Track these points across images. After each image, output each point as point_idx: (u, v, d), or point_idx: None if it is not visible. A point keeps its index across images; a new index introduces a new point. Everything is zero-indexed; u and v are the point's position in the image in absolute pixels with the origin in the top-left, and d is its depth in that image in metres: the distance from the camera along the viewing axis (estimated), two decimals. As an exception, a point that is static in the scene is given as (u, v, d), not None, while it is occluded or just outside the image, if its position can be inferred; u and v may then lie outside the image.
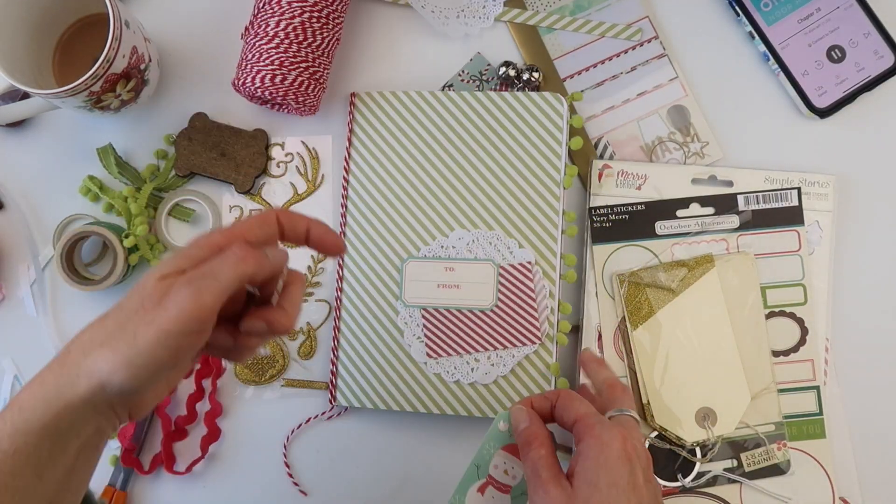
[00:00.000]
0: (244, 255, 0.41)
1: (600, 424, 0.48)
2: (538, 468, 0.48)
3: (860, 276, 0.66)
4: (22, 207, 0.68)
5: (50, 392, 0.40)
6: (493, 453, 0.50)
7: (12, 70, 0.58)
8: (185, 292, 0.40)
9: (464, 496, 0.51)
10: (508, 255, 0.64)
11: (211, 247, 0.43)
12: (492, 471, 0.51)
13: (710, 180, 0.65)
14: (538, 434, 0.50)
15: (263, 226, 0.45)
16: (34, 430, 0.40)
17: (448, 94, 0.66)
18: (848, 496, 0.63)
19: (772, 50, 0.66)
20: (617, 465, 0.47)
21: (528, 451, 0.49)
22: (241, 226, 0.44)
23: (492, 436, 0.51)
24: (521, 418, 0.51)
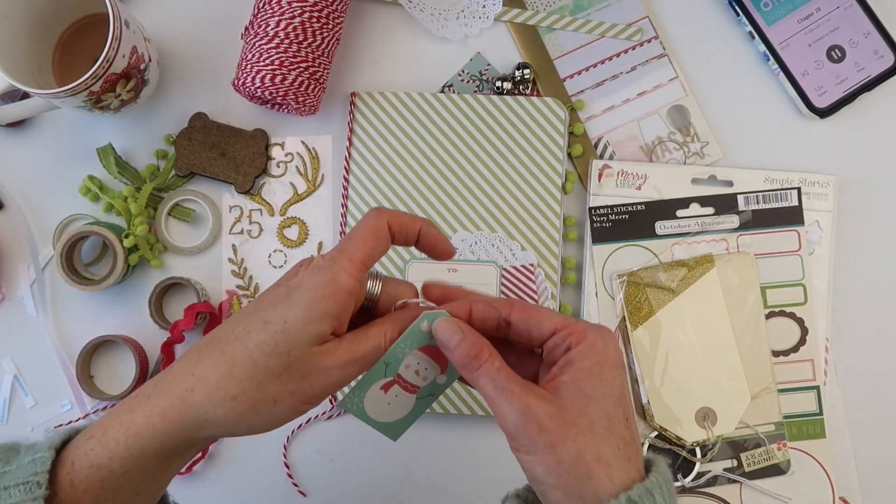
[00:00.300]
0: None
1: (591, 330, 0.42)
2: (502, 382, 0.41)
3: (860, 276, 0.66)
4: (22, 207, 0.68)
5: (173, 427, 0.40)
6: (408, 353, 0.45)
7: (12, 70, 0.58)
8: (335, 380, 0.42)
9: (364, 392, 0.45)
10: (511, 257, 0.64)
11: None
12: (402, 370, 0.45)
13: (710, 180, 0.65)
14: (483, 344, 0.42)
15: (376, 240, 0.44)
16: (148, 456, 0.41)
17: (450, 95, 0.66)
18: (848, 496, 0.64)
19: (772, 50, 0.66)
20: (613, 373, 0.42)
21: (478, 366, 0.42)
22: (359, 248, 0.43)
23: (410, 335, 0.44)
24: (451, 332, 0.43)
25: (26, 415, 0.67)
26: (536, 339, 0.43)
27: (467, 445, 0.66)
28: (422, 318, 0.44)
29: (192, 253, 0.67)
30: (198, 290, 0.66)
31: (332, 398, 0.65)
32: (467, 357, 0.42)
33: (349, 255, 0.42)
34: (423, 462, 0.66)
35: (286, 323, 0.41)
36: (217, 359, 0.41)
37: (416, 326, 0.44)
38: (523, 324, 0.43)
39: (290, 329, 0.41)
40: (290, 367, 0.41)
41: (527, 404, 0.40)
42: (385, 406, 0.46)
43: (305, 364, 0.41)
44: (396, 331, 0.44)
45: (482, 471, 0.66)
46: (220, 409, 0.40)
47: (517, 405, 0.40)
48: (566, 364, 0.42)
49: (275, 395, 0.41)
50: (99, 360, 0.67)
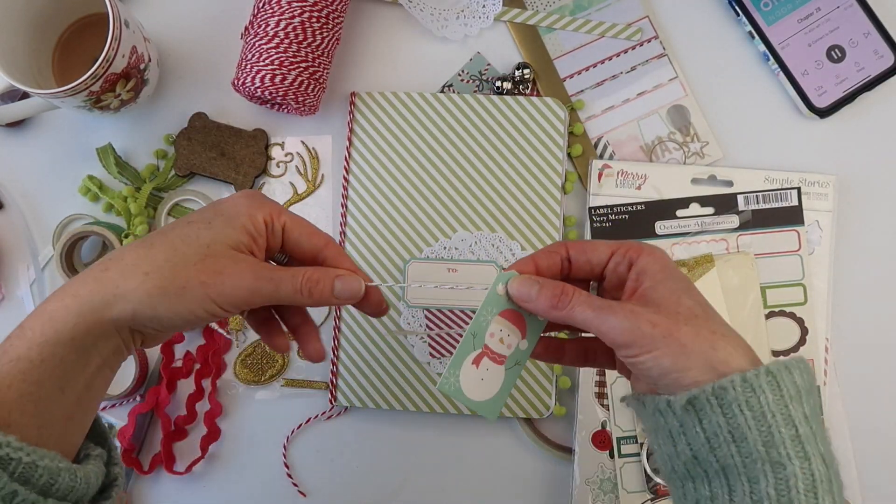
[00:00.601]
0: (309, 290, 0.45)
1: (644, 244, 0.44)
2: (597, 303, 0.42)
3: (860, 276, 0.66)
4: (22, 207, 0.68)
5: (84, 306, 0.41)
6: (490, 320, 0.45)
7: (12, 70, 0.58)
8: (247, 284, 0.43)
9: (458, 370, 0.45)
10: (511, 257, 0.64)
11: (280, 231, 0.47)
12: (488, 340, 0.45)
13: (709, 180, 0.65)
14: (563, 283, 0.44)
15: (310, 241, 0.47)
16: (63, 340, 0.40)
17: (450, 96, 0.66)
18: (848, 496, 0.63)
19: (772, 50, 0.66)
20: (679, 273, 0.44)
21: (568, 300, 0.43)
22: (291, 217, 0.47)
23: (490, 300, 0.45)
24: (528, 284, 0.44)
25: (26, 415, 0.67)
26: (597, 266, 0.45)
27: (467, 445, 0.66)
28: (496, 280, 0.44)
29: (192, 253, 0.67)
30: (198, 290, 0.66)
31: (333, 397, 0.65)
32: (554, 298, 0.43)
33: (281, 209, 0.46)
34: (423, 462, 0.66)
35: (210, 223, 0.44)
36: (136, 244, 0.43)
37: (493, 291, 0.44)
38: (582, 255, 0.45)
39: (213, 227, 0.44)
40: (205, 259, 0.42)
41: (630, 309, 0.41)
42: (479, 382, 0.45)
43: (222, 259, 0.43)
44: (317, 275, 0.45)
45: (482, 471, 0.66)
46: (129, 283, 0.41)
47: (622, 313, 0.41)
48: (639, 275, 0.43)
49: (186, 279, 0.42)
50: (99, 360, 0.67)
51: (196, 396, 0.66)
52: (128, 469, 0.65)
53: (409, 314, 0.64)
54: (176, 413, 0.66)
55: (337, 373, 0.65)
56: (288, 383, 0.66)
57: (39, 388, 0.40)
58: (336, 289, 0.46)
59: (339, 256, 0.48)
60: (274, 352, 0.66)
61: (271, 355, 0.66)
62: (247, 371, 0.66)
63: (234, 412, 0.67)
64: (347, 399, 0.65)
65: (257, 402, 0.67)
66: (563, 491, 0.65)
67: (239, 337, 0.67)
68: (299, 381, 0.66)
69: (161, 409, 0.65)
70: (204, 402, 0.66)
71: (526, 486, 0.65)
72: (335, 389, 0.65)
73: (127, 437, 0.64)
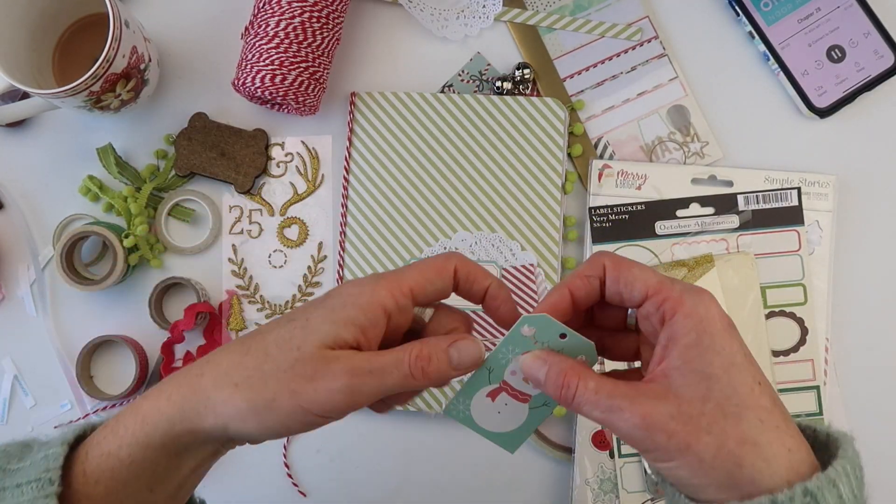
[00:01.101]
0: (421, 369, 0.39)
1: (688, 293, 0.37)
2: (604, 402, 0.37)
3: (860, 276, 0.66)
4: (22, 207, 0.68)
5: (175, 413, 0.39)
6: (511, 358, 0.41)
7: (12, 70, 0.58)
8: (342, 386, 0.38)
9: (470, 399, 0.42)
10: (511, 257, 0.64)
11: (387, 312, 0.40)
12: (507, 377, 0.42)
13: (709, 180, 0.65)
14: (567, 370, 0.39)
15: (436, 277, 0.41)
16: (154, 444, 0.39)
17: (450, 96, 0.66)
18: (848, 496, 0.64)
19: (772, 50, 0.66)
20: (726, 339, 0.36)
21: (572, 396, 0.38)
22: (412, 276, 0.40)
23: (511, 339, 0.41)
24: (536, 367, 0.40)
25: (26, 415, 0.67)
26: (629, 303, 0.40)
27: (467, 445, 0.66)
28: (521, 322, 0.40)
29: (192, 253, 0.67)
30: (198, 290, 0.66)
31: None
32: (557, 389, 0.39)
33: (399, 278, 0.40)
34: (423, 462, 0.66)
35: (308, 321, 0.39)
36: (235, 347, 0.40)
37: (517, 331, 0.41)
38: (614, 286, 0.39)
39: (309, 327, 0.39)
40: (296, 363, 0.38)
41: (643, 413, 0.35)
42: (495, 415, 0.43)
43: (312, 362, 0.38)
44: (426, 349, 0.40)
45: (482, 471, 0.66)
46: (220, 394, 0.38)
47: (633, 419, 0.36)
48: (669, 342, 0.37)
49: (276, 391, 0.38)
50: (99, 360, 0.67)
51: (196, 396, 0.66)
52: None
53: (410, 314, 0.64)
54: (176, 413, 0.66)
55: (337, 373, 0.65)
56: (288, 383, 0.66)
57: (126, 487, 0.39)
58: (453, 360, 0.40)
59: (476, 274, 0.42)
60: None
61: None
62: (247, 371, 0.66)
63: (235, 412, 0.67)
64: (347, 399, 0.65)
65: (257, 402, 0.67)
66: (563, 491, 0.65)
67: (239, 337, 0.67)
68: (299, 381, 0.66)
69: (161, 409, 0.65)
70: (204, 402, 0.66)
71: (526, 485, 0.65)
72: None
73: (127, 437, 0.64)
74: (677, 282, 0.38)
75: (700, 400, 0.35)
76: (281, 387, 0.38)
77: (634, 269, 0.39)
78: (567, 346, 0.40)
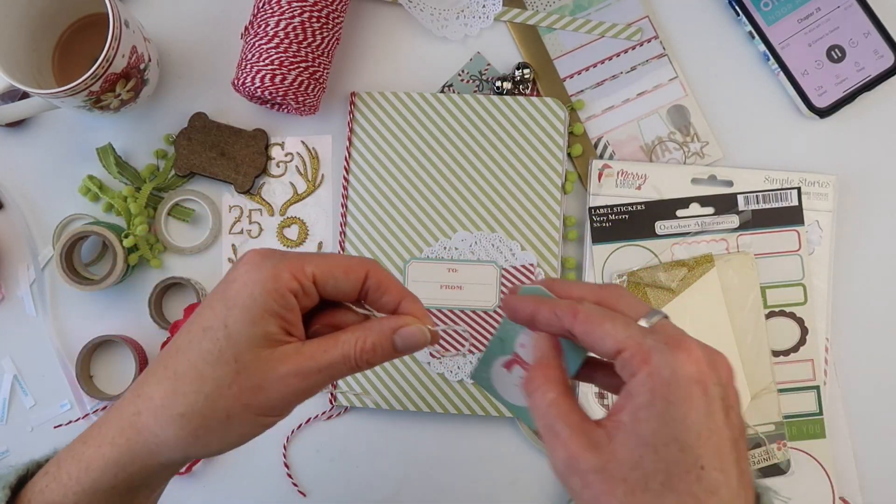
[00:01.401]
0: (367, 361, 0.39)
1: (658, 350, 0.34)
2: (550, 420, 0.35)
3: (860, 276, 0.66)
4: (22, 207, 0.68)
5: (124, 456, 0.38)
6: (519, 331, 0.40)
7: (12, 70, 0.58)
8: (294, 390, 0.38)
9: (489, 368, 0.41)
10: (511, 257, 0.64)
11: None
12: (518, 349, 0.41)
13: (709, 180, 0.65)
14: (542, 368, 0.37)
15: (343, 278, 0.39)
16: (103, 489, 0.38)
17: (450, 96, 0.66)
18: (848, 496, 0.64)
19: (772, 50, 0.66)
20: (684, 408, 0.33)
21: (532, 393, 0.37)
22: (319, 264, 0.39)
23: None
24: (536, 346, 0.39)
25: (26, 415, 0.67)
26: (603, 356, 0.36)
27: (467, 445, 0.66)
28: (523, 292, 0.40)
29: (192, 253, 0.67)
30: (198, 290, 0.66)
31: (333, 397, 0.65)
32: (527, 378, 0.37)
33: (301, 260, 0.38)
34: (423, 462, 0.66)
35: (227, 328, 0.37)
36: (161, 375, 0.38)
37: None
38: (586, 339, 0.36)
39: (233, 333, 0.37)
40: (239, 376, 0.37)
41: (571, 454, 0.34)
42: (513, 388, 0.41)
43: (257, 372, 0.37)
44: (371, 339, 0.39)
45: (482, 471, 0.66)
46: (168, 430, 0.37)
47: (561, 453, 0.35)
48: (626, 397, 0.34)
49: (227, 409, 0.37)
50: (99, 359, 0.67)
51: (196, 396, 0.66)
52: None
53: (409, 314, 0.64)
54: (176, 413, 0.66)
55: (337, 373, 0.65)
56: (288, 383, 0.66)
57: None
58: (398, 346, 0.40)
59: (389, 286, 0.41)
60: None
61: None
62: (247, 371, 0.66)
63: (234, 412, 0.67)
64: (347, 399, 0.65)
65: (257, 402, 0.67)
66: (563, 491, 0.65)
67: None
68: (299, 381, 0.66)
69: (161, 409, 0.65)
70: (204, 402, 0.66)
71: (526, 485, 0.65)
72: (335, 389, 0.65)
73: (127, 437, 0.64)
74: (652, 335, 0.35)
75: (630, 465, 0.33)
76: (231, 403, 0.37)
77: (606, 325, 0.36)
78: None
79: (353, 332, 0.39)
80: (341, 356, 0.39)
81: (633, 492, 0.33)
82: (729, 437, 0.34)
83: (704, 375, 0.33)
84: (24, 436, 0.67)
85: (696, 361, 0.34)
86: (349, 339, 0.39)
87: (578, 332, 0.36)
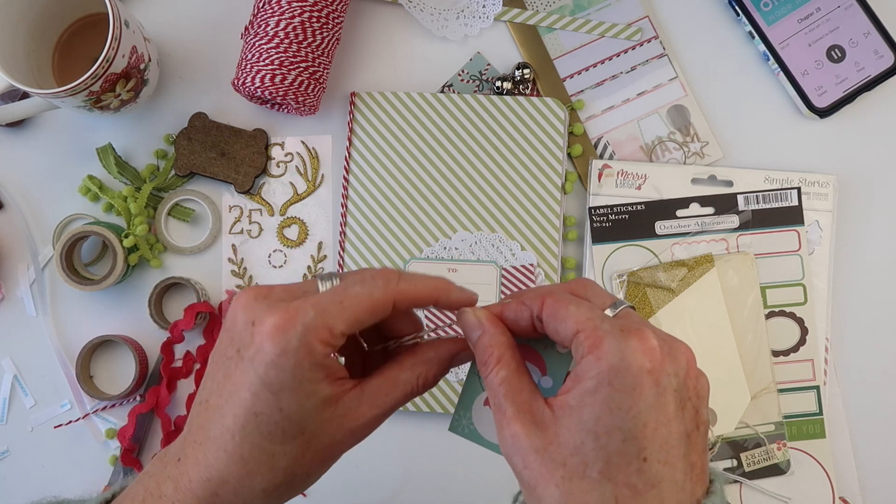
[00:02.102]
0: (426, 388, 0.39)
1: (611, 335, 0.33)
2: (499, 399, 0.35)
3: (860, 276, 0.66)
4: (22, 207, 0.68)
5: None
6: None
7: (12, 70, 0.58)
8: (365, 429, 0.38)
9: (468, 411, 0.40)
10: (511, 257, 0.64)
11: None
12: None
13: (709, 180, 0.65)
14: (495, 344, 0.36)
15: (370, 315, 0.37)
16: None
17: (450, 96, 0.66)
18: (848, 496, 0.64)
19: (772, 50, 0.66)
20: (630, 397, 0.32)
21: (485, 371, 0.36)
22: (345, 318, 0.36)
23: None
24: (471, 325, 0.37)
25: (26, 415, 0.67)
26: (563, 340, 0.35)
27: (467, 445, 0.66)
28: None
29: (192, 253, 0.67)
30: (197, 290, 0.66)
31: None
32: (479, 359, 0.37)
33: (328, 324, 0.35)
34: (423, 462, 0.66)
35: (282, 410, 0.35)
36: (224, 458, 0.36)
37: None
38: (551, 322, 0.36)
39: (291, 414, 0.35)
40: (310, 444, 0.37)
41: (514, 432, 0.34)
42: None
43: (326, 434, 0.37)
44: (433, 372, 0.38)
45: (482, 471, 0.66)
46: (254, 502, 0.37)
47: (506, 431, 0.35)
48: (575, 380, 0.34)
49: (306, 471, 0.37)
50: (99, 359, 0.67)
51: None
52: (128, 469, 0.65)
53: (409, 314, 0.64)
54: (176, 413, 0.66)
55: (337, 373, 0.65)
56: (288, 383, 0.66)
57: None
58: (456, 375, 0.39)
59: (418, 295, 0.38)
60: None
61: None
62: (247, 371, 0.66)
63: (234, 412, 0.67)
64: (347, 399, 0.65)
65: (257, 402, 0.67)
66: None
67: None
68: (299, 381, 0.66)
69: (161, 409, 0.65)
70: (204, 402, 0.66)
71: (526, 486, 0.65)
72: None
73: (127, 437, 0.64)
74: (610, 321, 0.34)
75: (570, 450, 0.33)
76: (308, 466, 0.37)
77: (571, 307, 0.35)
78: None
79: (412, 370, 0.38)
80: (403, 395, 0.38)
81: (570, 477, 0.33)
82: (679, 430, 0.33)
83: (657, 365, 0.33)
84: (24, 436, 0.67)
85: (650, 350, 0.33)
86: (409, 378, 0.38)
87: (545, 317, 0.36)
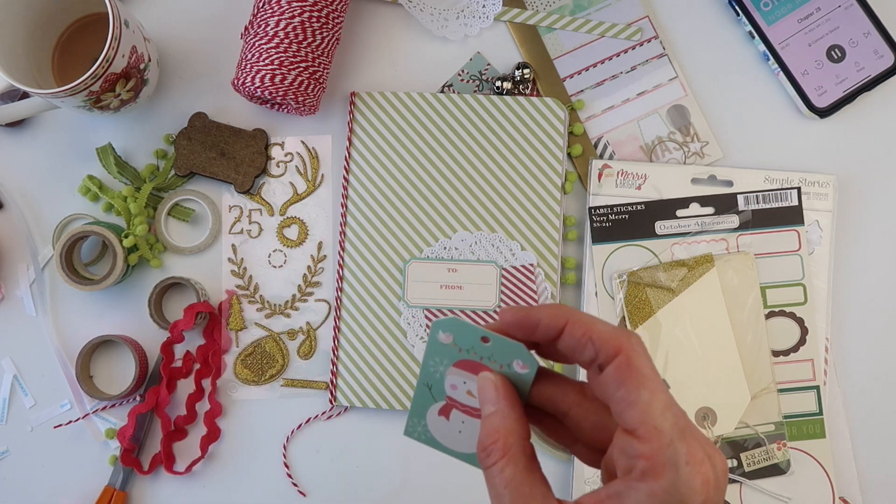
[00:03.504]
0: None
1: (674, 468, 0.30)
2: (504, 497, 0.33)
3: (860, 276, 0.66)
4: (21, 207, 0.68)
5: None
6: (444, 372, 0.37)
7: (12, 70, 0.58)
8: None
9: (423, 419, 0.39)
10: (511, 257, 0.64)
11: None
12: (450, 392, 0.38)
13: (709, 180, 0.65)
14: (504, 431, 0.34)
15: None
16: None
17: (450, 95, 0.66)
18: (848, 496, 0.64)
19: (772, 50, 0.66)
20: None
21: (486, 461, 0.34)
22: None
23: (432, 349, 0.37)
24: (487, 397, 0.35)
25: (26, 415, 0.67)
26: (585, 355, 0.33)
27: (467, 445, 0.66)
28: (434, 328, 0.37)
29: (192, 253, 0.67)
30: (197, 289, 0.66)
31: (333, 397, 0.65)
32: (482, 446, 0.34)
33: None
34: (423, 462, 0.66)
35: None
36: None
37: (434, 339, 0.37)
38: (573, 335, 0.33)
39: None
40: None
41: None
42: (456, 434, 0.39)
43: None
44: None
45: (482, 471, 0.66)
46: None
47: None
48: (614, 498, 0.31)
49: None
50: (99, 359, 0.67)
51: (196, 396, 0.66)
52: (127, 469, 0.65)
53: (409, 314, 0.64)
54: (176, 413, 0.66)
55: (337, 373, 0.65)
56: (288, 383, 0.66)
57: None
58: None
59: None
60: (274, 352, 0.66)
61: (271, 355, 0.66)
62: (247, 371, 0.66)
63: (234, 412, 0.67)
64: (347, 399, 0.65)
65: (257, 401, 0.67)
66: (564, 491, 0.65)
67: (239, 337, 0.67)
68: (299, 381, 0.66)
69: (161, 409, 0.65)
70: (204, 402, 0.66)
71: (526, 486, 0.65)
72: (335, 389, 0.65)
73: (127, 437, 0.64)
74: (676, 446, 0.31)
75: None
76: None
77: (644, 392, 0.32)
78: (495, 351, 0.37)
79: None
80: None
81: None
82: None
83: (709, 499, 0.30)
84: (23, 436, 0.67)
85: (706, 483, 0.30)
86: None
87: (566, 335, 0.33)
